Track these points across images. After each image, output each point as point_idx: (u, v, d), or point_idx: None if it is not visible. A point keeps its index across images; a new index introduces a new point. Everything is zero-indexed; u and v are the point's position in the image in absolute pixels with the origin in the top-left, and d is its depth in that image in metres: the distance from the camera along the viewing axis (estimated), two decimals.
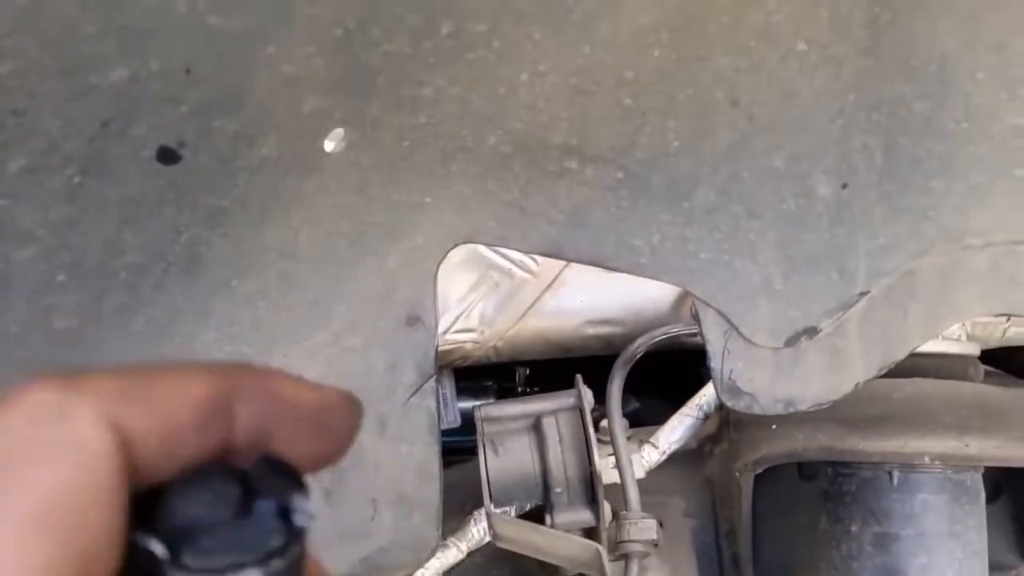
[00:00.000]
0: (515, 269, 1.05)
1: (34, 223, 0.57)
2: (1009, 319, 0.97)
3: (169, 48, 0.52)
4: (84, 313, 0.63)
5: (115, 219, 0.59)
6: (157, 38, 0.51)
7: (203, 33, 0.52)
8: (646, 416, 1.30)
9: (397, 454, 0.72)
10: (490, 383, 1.32)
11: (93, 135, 0.53)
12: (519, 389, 1.35)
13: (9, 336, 0.62)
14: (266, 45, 0.55)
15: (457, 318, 1.07)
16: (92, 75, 0.51)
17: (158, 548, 0.22)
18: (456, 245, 0.69)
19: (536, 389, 1.36)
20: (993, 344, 1.02)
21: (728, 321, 0.70)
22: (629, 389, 1.25)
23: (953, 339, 0.91)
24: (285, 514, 0.24)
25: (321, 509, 0.71)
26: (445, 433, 1.25)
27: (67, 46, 0.49)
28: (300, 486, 0.24)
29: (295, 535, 0.23)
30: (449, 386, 1.24)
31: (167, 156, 0.57)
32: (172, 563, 0.22)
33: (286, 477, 0.24)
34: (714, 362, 0.71)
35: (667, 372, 1.14)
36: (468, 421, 1.05)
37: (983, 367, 0.94)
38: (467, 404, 1.27)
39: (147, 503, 0.23)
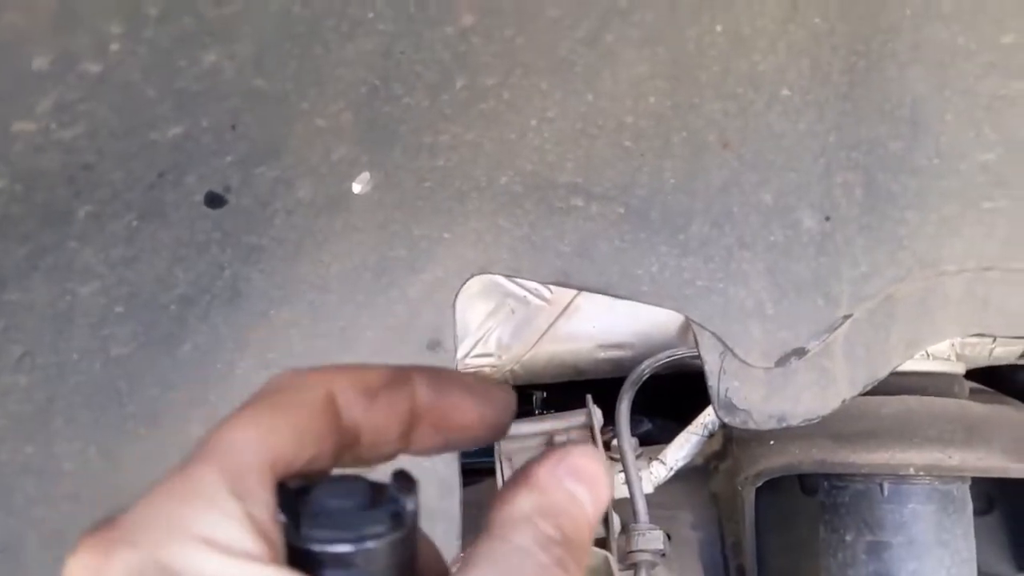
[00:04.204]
0: (530, 297, 1.09)
1: (97, 262, 0.63)
2: (995, 340, 1.01)
3: (218, 107, 0.58)
4: (137, 341, 0.68)
5: (167, 258, 0.64)
6: (208, 99, 0.57)
7: (248, 94, 0.58)
8: (658, 437, 1.35)
9: (420, 469, 0.76)
10: None
11: (151, 184, 0.60)
12: (536, 412, 1.39)
13: (71, 363, 0.68)
14: (301, 102, 0.61)
15: (476, 344, 1.10)
16: (152, 132, 0.57)
17: (281, 517, 0.29)
18: (472, 276, 0.73)
19: (552, 412, 1.40)
20: (981, 363, 1.05)
21: (723, 343, 0.74)
22: (642, 411, 1.29)
23: (942, 359, 0.95)
24: (397, 514, 0.30)
25: None
26: (463, 455, 1.29)
27: (131, 108, 0.56)
28: (415, 494, 0.31)
29: (397, 527, 0.30)
30: None
31: (214, 200, 0.63)
32: (293, 531, 0.29)
33: (408, 488, 0.31)
34: (711, 381, 0.75)
35: (678, 395, 1.17)
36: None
37: (969, 384, 0.98)
38: None
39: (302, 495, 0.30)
